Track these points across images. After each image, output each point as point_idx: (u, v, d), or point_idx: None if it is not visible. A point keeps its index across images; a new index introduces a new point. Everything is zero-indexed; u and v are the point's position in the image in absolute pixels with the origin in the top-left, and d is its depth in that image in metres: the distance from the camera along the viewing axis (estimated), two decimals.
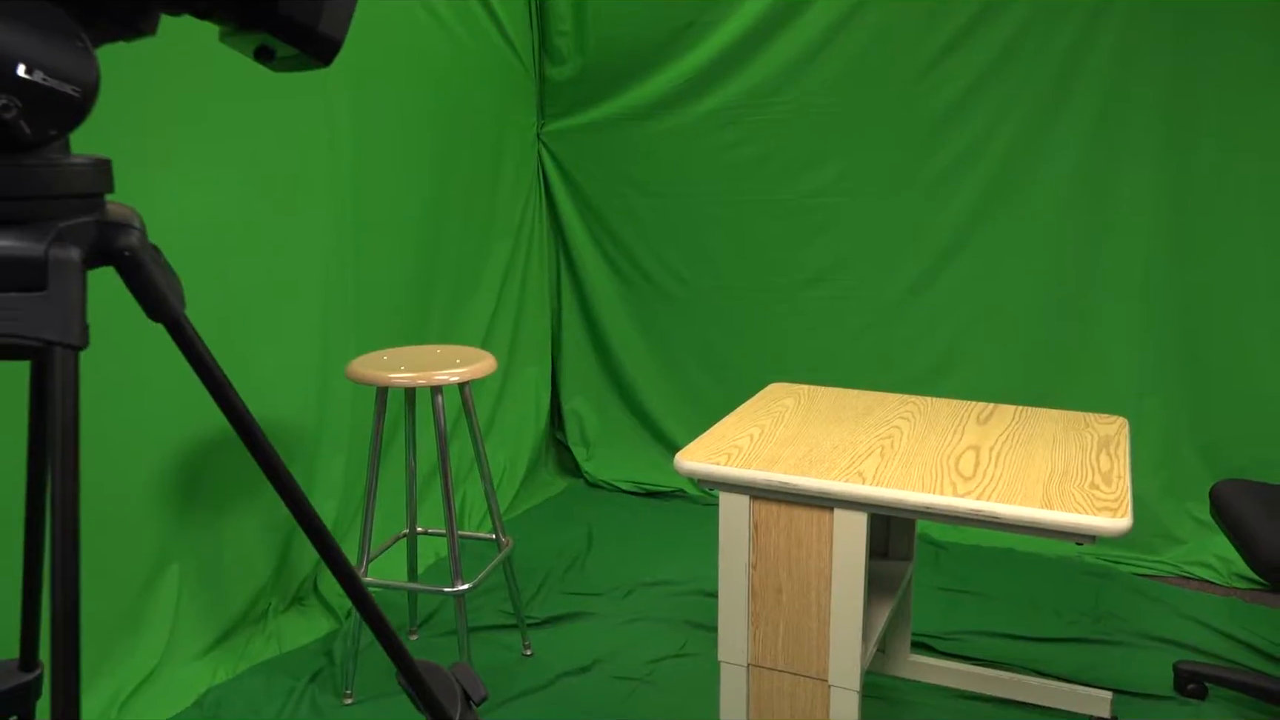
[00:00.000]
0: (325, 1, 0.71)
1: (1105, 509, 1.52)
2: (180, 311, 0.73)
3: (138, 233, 0.72)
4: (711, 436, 1.91)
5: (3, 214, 0.65)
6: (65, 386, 0.63)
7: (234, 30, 0.74)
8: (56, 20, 0.64)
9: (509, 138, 3.48)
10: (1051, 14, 2.83)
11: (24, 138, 0.64)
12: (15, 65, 0.63)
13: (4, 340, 0.62)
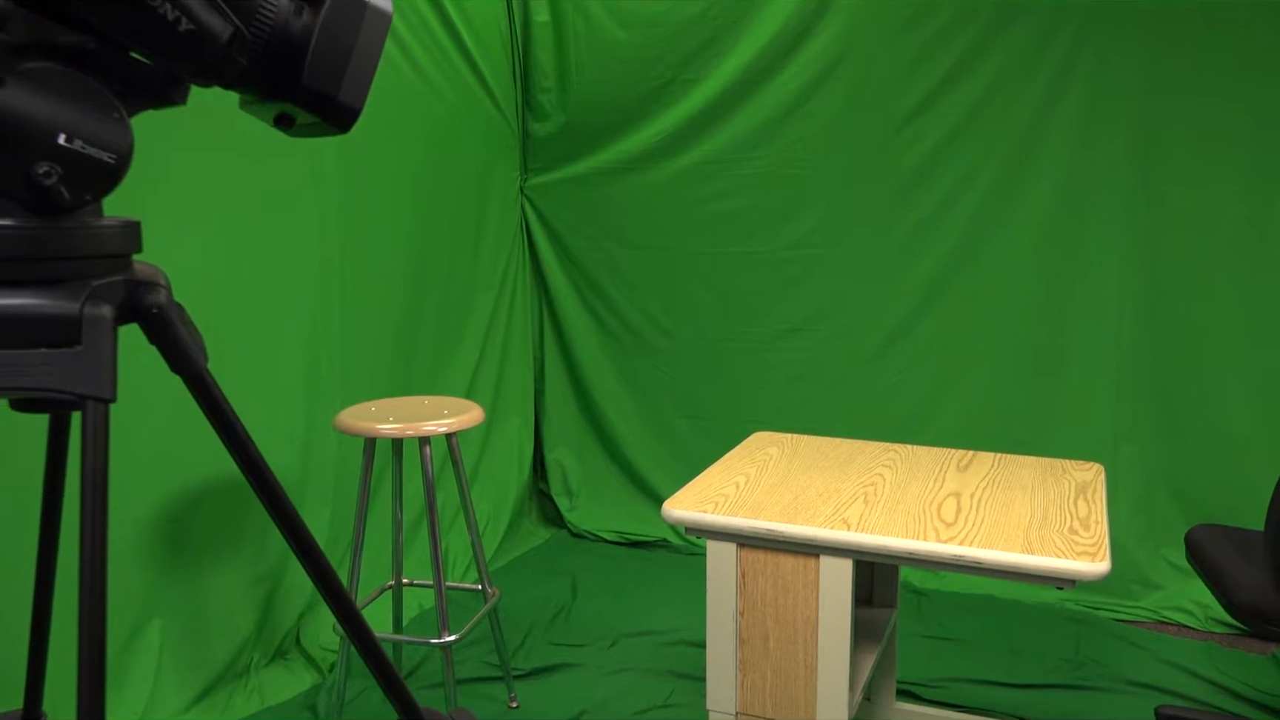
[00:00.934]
0: (345, 72, 0.75)
1: (1084, 554, 1.56)
2: (203, 366, 0.76)
3: (164, 290, 0.75)
4: (698, 485, 1.94)
5: (40, 274, 0.68)
6: (96, 438, 0.65)
7: (256, 100, 0.78)
8: (95, 92, 0.68)
9: (492, 192, 3.54)
10: (1019, 73, 2.93)
11: (63, 202, 0.67)
12: (57, 134, 0.66)
13: (41, 394, 0.65)
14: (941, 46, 3.02)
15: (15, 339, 0.66)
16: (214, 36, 0.70)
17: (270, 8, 0.74)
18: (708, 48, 3.34)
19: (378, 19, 0.77)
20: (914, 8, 3.03)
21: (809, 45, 3.20)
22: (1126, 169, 2.86)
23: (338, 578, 0.89)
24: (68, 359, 0.66)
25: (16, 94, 0.64)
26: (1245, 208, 2.76)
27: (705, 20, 3.32)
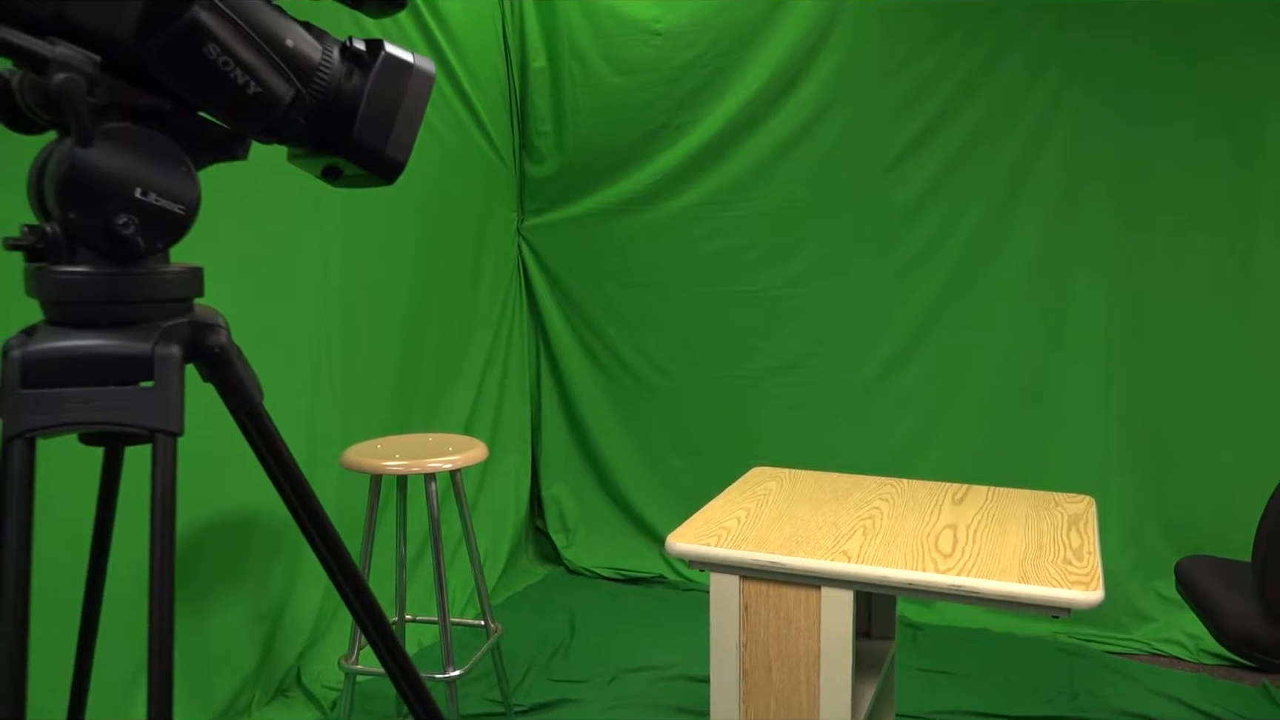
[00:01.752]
0: (392, 128, 0.81)
1: (1079, 583, 1.61)
2: (259, 402, 0.81)
3: (225, 331, 0.80)
4: (700, 519, 1.98)
5: (114, 316, 0.73)
6: (165, 469, 0.70)
7: (307, 153, 0.84)
8: (167, 148, 0.73)
9: (490, 232, 3.60)
10: (1005, 114, 3.03)
11: (138, 250, 0.72)
12: (135, 188, 0.71)
13: (115, 428, 0.70)
14: (930, 89, 3.12)
15: (93, 377, 0.71)
16: (278, 98, 0.75)
17: (326, 71, 0.79)
18: (701, 93, 3.43)
19: (421, 80, 0.83)
20: (903, 53, 3.13)
21: (800, 89, 3.29)
22: (1111, 206, 2.95)
23: (386, 617, 0.92)
24: (141, 395, 0.71)
25: (101, 152, 0.70)
26: (1227, 242, 2.84)
27: (699, 66, 3.42)
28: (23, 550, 0.65)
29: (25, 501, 0.66)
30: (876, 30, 3.17)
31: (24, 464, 0.67)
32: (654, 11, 3.46)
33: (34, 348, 0.70)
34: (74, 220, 0.71)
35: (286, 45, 0.76)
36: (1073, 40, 2.93)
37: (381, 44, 0.83)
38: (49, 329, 0.72)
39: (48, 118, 0.72)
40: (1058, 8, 2.93)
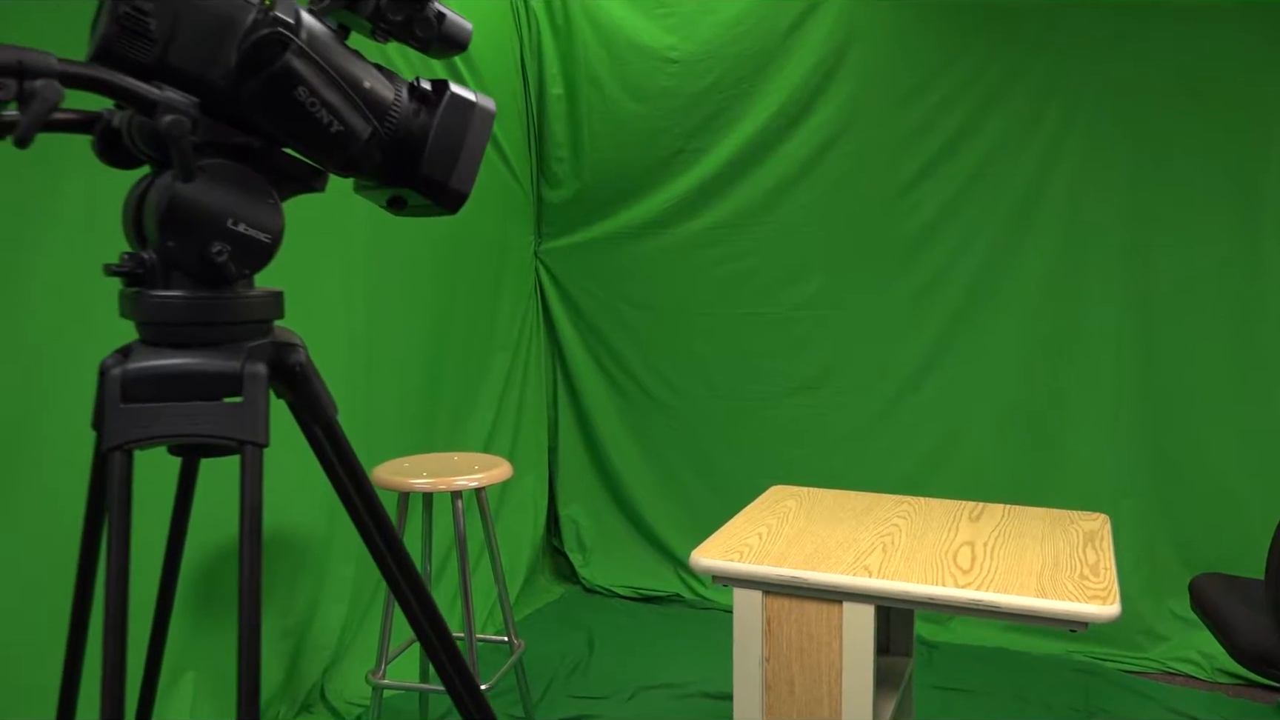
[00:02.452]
0: (457, 162, 0.87)
1: (1096, 597, 1.65)
2: (334, 416, 0.86)
3: (303, 351, 0.86)
4: (723, 536, 2.02)
5: (207, 337, 0.78)
6: (253, 479, 0.75)
7: (375, 185, 0.90)
8: (256, 182, 0.79)
9: (509, 256, 3.67)
10: (1015, 142, 3.09)
11: (230, 276, 0.78)
12: (227, 218, 0.77)
13: (207, 440, 0.75)
14: (940, 117, 3.18)
15: (187, 392, 0.76)
16: (358, 136, 0.81)
17: (397, 109, 0.85)
18: (716, 119, 3.50)
19: (483, 117, 0.89)
20: (914, 81, 3.20)
21: (813, 116, 3.36)
22: (1118, 231, 3.00)
23: (450, 632, 0.97)
24: (230, 410, 0.76)
25: (199, 186, 0.76)
26: (1233, 266, 2.89)
27: (714, 93, 3.49)
28: (122, 552, 0.70)
29: (124, 508, 0.71)
30: (888, 60, 3.23)
31: (123, 473, 0.72)
32: (670, 40, 3.53)
33: (133, 366, 0.76)
34: (172, 248, 0.76)
35: (364, 86, 0.82)
36: (1079, 69, 2.99)
37: (447, 84, 0.89)
38: (145, 348, 0.78)
39: (151, 154, 0.78)
40: (1064, 38, 3.00)
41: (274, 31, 0.74)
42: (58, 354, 2.06)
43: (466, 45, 0.89)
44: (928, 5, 3.16)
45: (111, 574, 0.70)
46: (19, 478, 1.99)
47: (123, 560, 0.70)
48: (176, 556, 0.91)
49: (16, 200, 1.98)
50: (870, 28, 3.24)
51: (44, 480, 2.04)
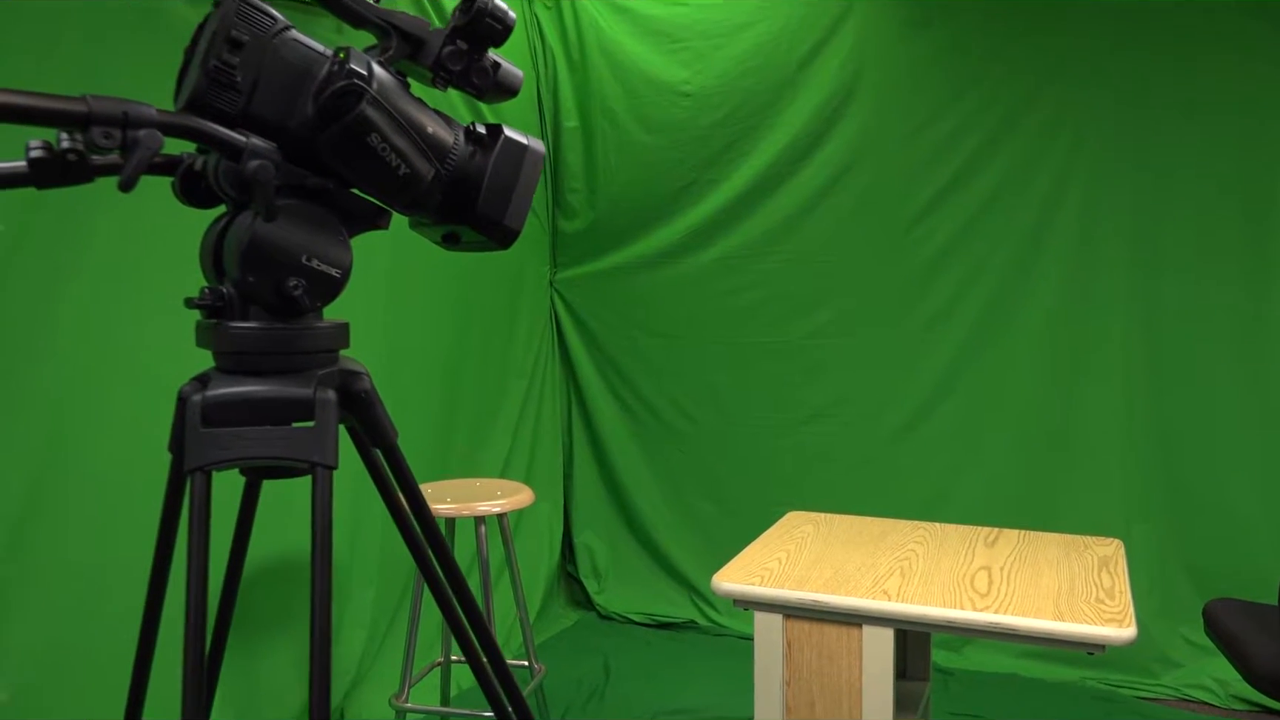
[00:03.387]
0: (510, 201, 0.92)
1: (1112, 620, 1.68)
2: (395, 440, 0.91)
3: (367, 378, 0.91)
4: (743, 560, 2.06)
5: (281, 365, 0.83)
6: (324, 499, 0.80)
7: (431, 223, 0.95)
8: (328, 220, 0.85)
9: (524, 285, 3.73)
10: (1023, 173, 3.15)
11: (304, 308, 0.83)
12: (302, 255, 0.83)
13: (280, 462, 0.80)
14: (950, 149, 3.24)
15: (262, 417, 0.81)
16: (422, 178, 0.87)
17: (456, 152, 0.91)
18: (729, 151, 3.57)
19: (534, 158, 0.94)
20: (923, 114, 3.26)
21: (824, 148, 3.42)
22: (1127, 258, 3.05)
23: (504, 657, 1.01)
24: (302, 433, 0.81)
25: (278, 225, 0.81)
26: (1241, 291, 2.94)
27: (727, 126, 3.56)
28: (201, 564, 0.74)
29: (203, 525, 0.76)
30: (897, 93, 3.30)
31: (202, 493, 0.77)
32: (683, 74, 3.61)
33: (212, 393, 0.81)
34: (252, 282, 0.82)
35: (428, 131, 0.88)
36: (1086, 101, 3.06)
37: (501, 129, 0.94)
38: (222, 376, 0.83)
39: (234, 195, 0.83)
40: (1071, 70, 3.07)
41: (351, 83, 0.80)
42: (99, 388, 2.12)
43: (518, 92, 0.95)
44: (937, 39, 3.23)
45: (191, 585, 0.74)
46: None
47: (202, 572, 0.74)
48: (238, 572, 0.96)
49: (56, 232, 2.05)
50: (880, 62, 3.32)
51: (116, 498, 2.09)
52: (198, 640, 0.73)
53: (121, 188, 0.72)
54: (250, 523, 0.95)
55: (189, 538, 0.75)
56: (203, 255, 0.89)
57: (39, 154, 0.75)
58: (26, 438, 2.01)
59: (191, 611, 0.74)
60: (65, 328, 2.07)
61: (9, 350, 1.97)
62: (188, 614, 0.73)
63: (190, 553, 0.75)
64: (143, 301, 2.23)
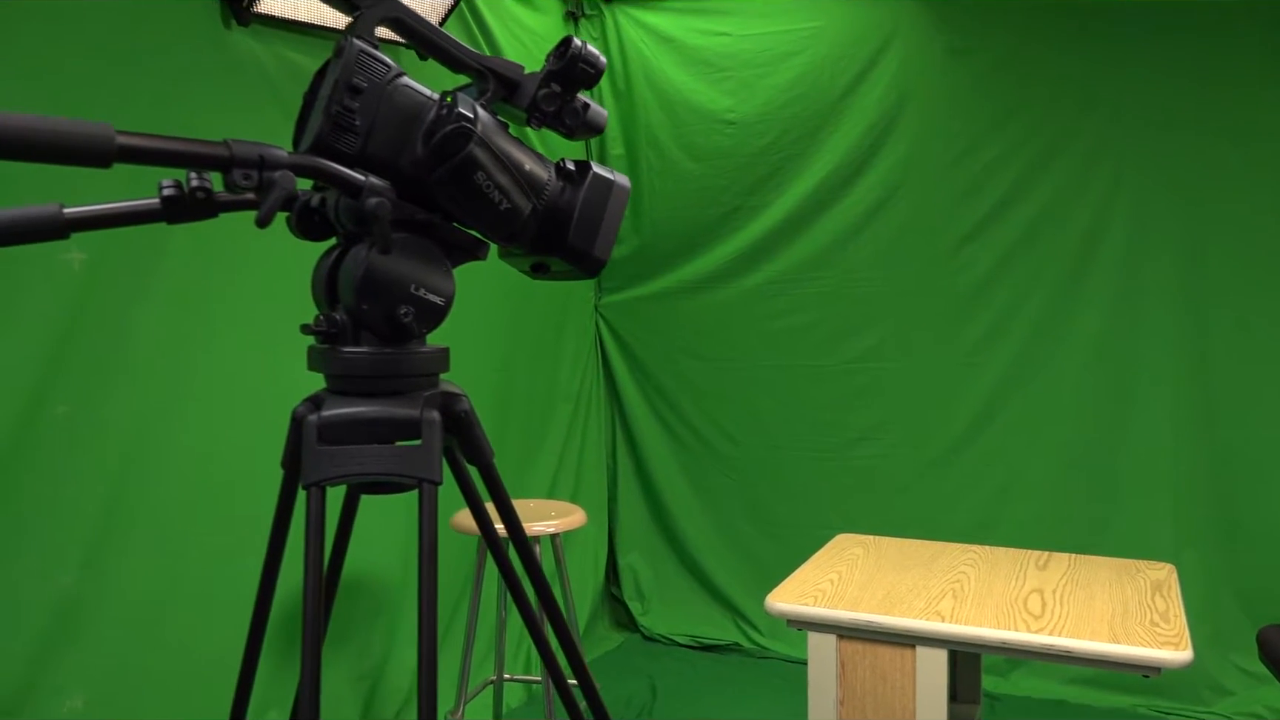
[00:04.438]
0: (598, 233, 0.98)
1: (1168, 643, 1.69)
2: (492, 459, 0.96)
3: (466, 399, 0.96)
4: (795, 581, 2.09)
5: (391, 388, 0.89)
6: (430, 513, 0.85)
7: (521, 253, 1.01)
8: (434, 252, 0.91)
9: (571, 310, 3.79)
10: (1067, 200, 3.17)
11: (413, 334, 0.89)
12: (411, 284, 0.89)
13: (389, 478, 0.85)
14: (993, 177, 3.27)
15: (374, 436, 0.87)
16: (521, 212, 0.93)
17: (549, 188, 0.97)
18: (773, 177, 3.62)
19: (621, 193, 1.00)
20: (966, 142, 3.30)
21: (867, 175, 3.46)
22: (1174, 285, 3.05)
23: (590, 674, 1.05)
24: (410, 452, 0.87)
25: (390, 257, 0.87)
26: None
27: (771, 153, 3.61)
28: (318, 575, 0.80)
29: (318, 535, 0.82)
30: (940, 121, 3.34)
31: (318, 506, 0.82)
32: (727, 103, 3.67)
33: (327, 413, 0.87)
34: (366, 310, 0.88)
35: (526, 169, 0.94)
36: (1130, 130, 3.07)
37: (589, 165, 1.00)
38: (335, 397, 0.89)
39: (352, 229, 0.90)
40: (1114, 99, 3.09)
41: (460, 126, 0.86)
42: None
43: (603, 130, 1.01)
44: (979, 67, 3.27)
45: (309, 589, 0.80)
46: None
47: (317, 578, 0.80)
48: (335, 580, 1.01)
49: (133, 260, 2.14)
50: (923, 90, 3.36)
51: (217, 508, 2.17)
52: (315, 644, 0.78)
53: (259, 224, 0.78)
54: (348, 535, 1.01)
55: (305, 548, 0.81)
56: (315, 285, 0.95)
57: (171, 192, 0.82)
58: (102, 460, 2.09)
59: (309, 617, 0.79)
60: (138, 353, 2.16)
61: (87, 374, 2.06)
62: (305, 618, 0.79)
63: (306, 562, 0.80)
64: (211, 327, 2.31)
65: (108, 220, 0.82)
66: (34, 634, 1.96)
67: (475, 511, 1.00)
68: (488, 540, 1.02)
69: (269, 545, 0.95)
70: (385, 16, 0.88)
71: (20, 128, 0.67)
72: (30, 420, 1.99)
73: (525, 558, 0.99)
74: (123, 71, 2.11)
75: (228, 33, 2.39)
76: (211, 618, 2.32)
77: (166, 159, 0.75)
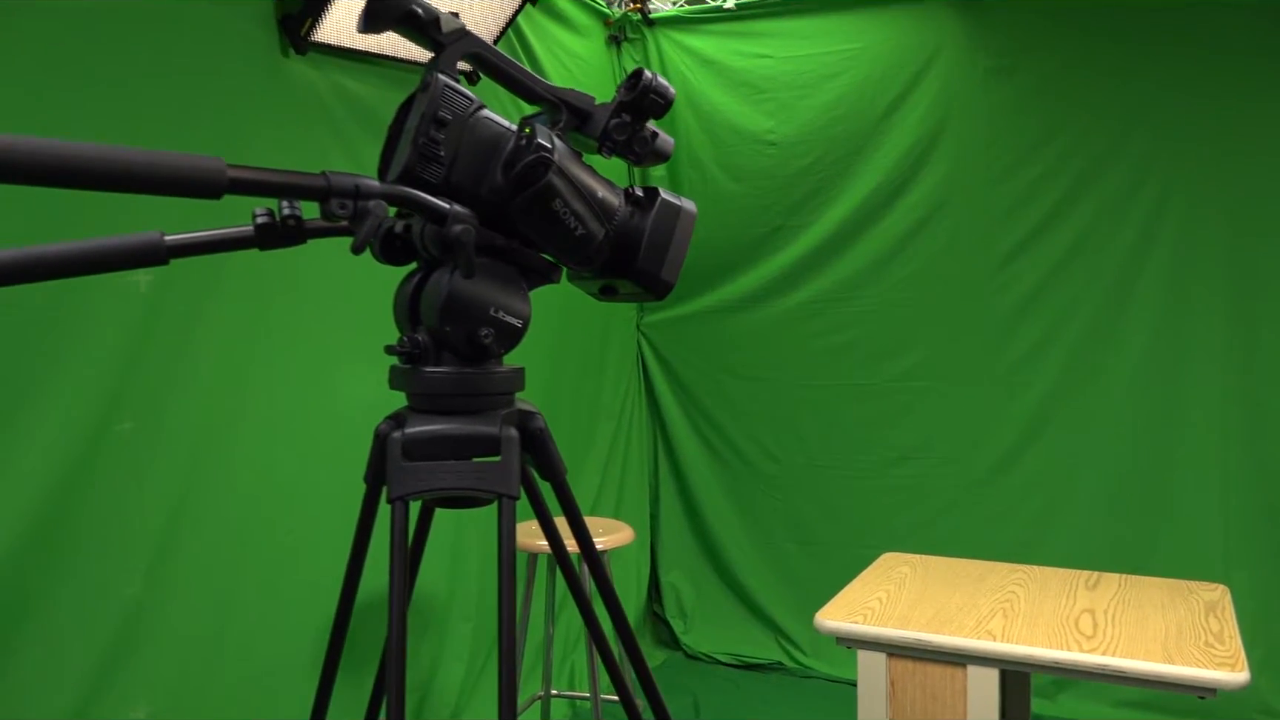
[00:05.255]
0: (666, 257, 1.01)
1: (1224, 664, 1.68)
2: (565, 475, 1.00)
3: (541, 417, 1.00)
4: (843, 599, 2.10)
5: (471, 406, 0.93)
6: (509, 527, 0.88)
7: (590, 277, 1.04)
8: (512, 276, 0.95)
9: (613, 329, 3.83)
10: (1111, 219, 3.16)
11: (493, 354, 0.93)
12: (491, 307, 0.93)
13: (469, 493, 0.89)
14: (1036, 195, 3.27)
15: (456, 452, 0.91)
16: (595, 237, 0.96)
17: (619, 214, 1.01)
18: (814, 197, 3.65)
19: (688, 218, 1.03)
20: (1008, 160, 3.30)
21: (909, 195, 3.48)
22: (1220, 304, 3.03)
23: (657, 687, 1.08)
24: (489, 467, 0.90)
25: (473, 281, 0.91)
26: None
27: (811, 174, 3.64)
28: (404, 584, 0.83)
29: (403, 549, 0.85)
30: (982, 140, 3.35)
31: (402, 519, 0.86)
32: (768, 124, 3.71)
33: (411, 430, 0.91)
34: (449, 331, 0.92)
35: (599, 196, 0.98)
36: (1174, 150, 3.06)
37: (658, 191, 1.04)
38: (417, 415, 0.93)
39: (435, 254, 0.94)
40: (1157, 118, 3.08)
41: (540, 156, 0.90)
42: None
43: (670, 157, 1.04)
44: (1021, 87, 3.28)
45: (395, 598, 0.83)
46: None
47: (403, 586, 0.83)
48: (409, 591, 1.05)
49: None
50: (964, 111, 3.37)
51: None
52: (400, 652, 0.82)
53: (355, 250, 0.83)
54: (422, 548, 1.05)
55: (391, 559, 0.85)
56: (397, 307, 0.99)
57: (264, 220, 0.86)
58: (165, 474, 2.15)
59: (395, 625, 0.82)
60: (199, 371, 2.22)
61: (150, 391, 2.13)
62: (391, 626, 0.82)
63: (392, 573, 0.84)
64: (268, 346, 2.38)
65: (205, 247, 0.86)
66: (102, 645, 2.02)
67: (545, 527, 1.04)
68: (558, 556, 1.05)
69: (350, 557, 0.98)
70: (467, 52, 0.92)
71: (144, 162, 0.72)
72: (97, 436, 2.05)
73: (597, 574, 1.02)
74: (186, 94, 2.18)
75: (285, 60, 2.46)
76: (270, 627, 2.37)
77: (270, 190, 0.79)
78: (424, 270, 0.98)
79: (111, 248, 0.82)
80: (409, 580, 1.06)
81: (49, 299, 1.93)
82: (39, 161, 0.67)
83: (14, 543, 1.87)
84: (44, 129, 1.89)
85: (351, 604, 0.99)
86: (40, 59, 1.89)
